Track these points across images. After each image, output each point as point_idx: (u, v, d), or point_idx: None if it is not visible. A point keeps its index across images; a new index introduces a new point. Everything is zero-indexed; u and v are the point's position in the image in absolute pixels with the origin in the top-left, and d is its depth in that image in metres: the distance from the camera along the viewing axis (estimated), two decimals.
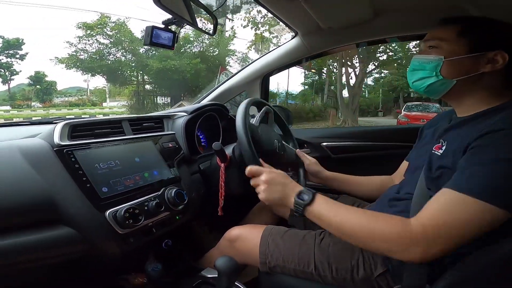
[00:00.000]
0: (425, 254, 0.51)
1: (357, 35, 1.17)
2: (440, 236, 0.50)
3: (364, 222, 0.57)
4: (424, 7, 0.99)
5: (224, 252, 0.85)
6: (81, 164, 0.65)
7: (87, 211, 0.60)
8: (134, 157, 0.78)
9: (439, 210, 0.51)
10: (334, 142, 1.28)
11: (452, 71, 0.63)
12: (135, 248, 0.66)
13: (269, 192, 0.67)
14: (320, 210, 0.61)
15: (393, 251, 0.54)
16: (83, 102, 21.45)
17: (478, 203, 0.48)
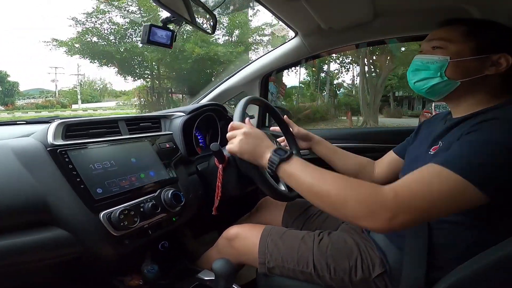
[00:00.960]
0: (392, 221, 0.49)
1: (358, 36, 1.17)
2: (410, 205, 0.49)
3: (339, 185, 0.54)
4: (425, 9, 0.99)
5: (222, 251, 0.84)
6: (75, 165, 0.64)
7: (80, 213, 0.60)
8: (130, 158, 0.77)
9: (416, 179, 0.51)
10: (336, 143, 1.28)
11: (457, 72, 0.63)
12: (130, 250, 0.65)
13: (243, 143, 0.66)
14: (295, 168, 0.59)
15: (360, 216, 0.51)
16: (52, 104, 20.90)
17: (456, 178, 0.48)
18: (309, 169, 0.59)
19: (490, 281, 0.49)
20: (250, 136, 0.67)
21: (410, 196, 0.49)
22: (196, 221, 0.86)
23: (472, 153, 0.50)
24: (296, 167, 0.60)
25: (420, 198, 0.49)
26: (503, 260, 0.48)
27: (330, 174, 0.57)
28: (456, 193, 0.48)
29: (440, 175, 0.49)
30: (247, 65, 1.36)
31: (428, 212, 0.49)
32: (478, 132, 0.52)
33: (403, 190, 0.50)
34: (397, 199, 0.49)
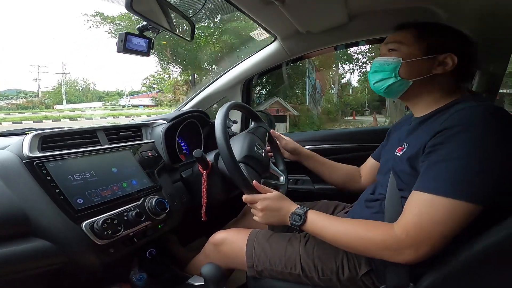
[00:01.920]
0: (418, 254, 0.56)
1: (335, 38, 1.24)
2: (423, 238, 0.55)
3: (354, 234, 0.63)
4: (395, 11, 1.07)
5: (209, 256, 0.86)
6: (53, 176, 0.65)
7: (61, 224, 0.60)
8: (111, 167, 0.78)
9: (414, 214, 0.57)
10: (316, 145, 1.34)
11: (409, 72, 0.70)
12: (117, 259, 0.66)
13: (266, 218, 0.75)
14: (313, 228, 0.68)
15: (388, 256, 0.59)
16: (34, 104, 20.15)
17: (446, 200, 0.53)
18: (326, 225, 0.67)
19: (473, 274, 0.53)
20: (268, 210, 0.74)
21: (419, 231, 0.55)
22: (183, 227, 0.87)
23: (452, 173, 0.54)
24: (314, 226, 0.69)
25: (428, 230, 0.55)
26: (482, 254, 0.51)
27: (345, 225, 0.66)
28: (456, 214, 0.53)
29: (435, 204, 0.55)
30: (228, 70, 1.40)
31: (442, 236, 0.55)
32: (446, 147, 0.56)
33: (411, 227, 0.56)
34: (410, 237, 0.56)
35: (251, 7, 0.98)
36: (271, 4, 0.91)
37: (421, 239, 0.55)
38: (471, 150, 0.54)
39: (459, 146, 0.55)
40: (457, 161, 0.54)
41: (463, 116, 0.58)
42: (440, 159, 0.56)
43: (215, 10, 4.20)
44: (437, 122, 0.61)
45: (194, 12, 1.19)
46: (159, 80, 38.12)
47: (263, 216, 0.75)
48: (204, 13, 3.27)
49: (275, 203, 0.74)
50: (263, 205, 0.74)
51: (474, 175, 0.53)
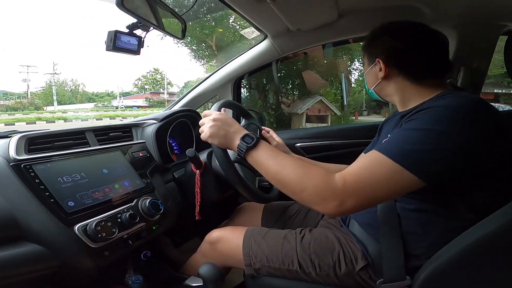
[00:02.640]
0: (340, 207, 0.56)
1: (325, 36, 1.27)
2: (355, 190, 0.56)
3: (298, 173, 0.61)
4: (383, 8, 1.11)
5: (206, 255, 0.87)
6: (41, 179, 0.65)
7: (53, 227, 0.60)
8: (102, 169, 0.78)
9: (360, 167, 0.58)
10: (308, 142, 1.36)
11: (369, 82, 0.81)
12: (111, 261, 0.66)
13: (214, 129, 0.70)
14: (261, 155, 0.65)
15: (314, 202, 0.59)
16: (24, 106, 19.77)
17: (391, 163, 0.55)
18: (274, 156, 0.65)
19: (466, 265, 0.55)
20: (219, 121, 0.71)
21: (356, 182, 0.56)
22: (177, 228, 0.88)
23: (404, 139, 0.57)
24: (262, 155, 0.65)
25: (364, 184, 0.56)
26: (476, 244, 0.53)
27: (292, 162, 0.64)
28: (394, 177, 0.55)
29: (379, 161, 0.56)
30: (219, 69, 1.41)
31: (372, 196, 0.56)
32: (413, 121, 0.60)
33: (350, 177, 0.57)
34: (345, 186, 0.56)
35: (242, 5, 1.00)
36: (262, 2, 0.93)
37: (354, 191, 0.56)
38: (432, 126, 0.56)
39: (424, 120, 0.58)
40: (415, 132, 0.57)
41: (437, 102, 0.61)
42: (403, 129, 0.60)
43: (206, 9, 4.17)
44: (416, 111, 0.63)
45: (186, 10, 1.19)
46: (151, 81, 37.57)
47: (211, 127, 0.70)
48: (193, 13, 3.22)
49: (228, 120, 0.72)
50: (216, 117, 0.71)
51: (425, 148, 0.55)
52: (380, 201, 0.57)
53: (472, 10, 1.01)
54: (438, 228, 0.63)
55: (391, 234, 0.67)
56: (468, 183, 0.59)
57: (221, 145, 0.72)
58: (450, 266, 0.55)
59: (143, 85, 40.13)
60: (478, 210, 0.58)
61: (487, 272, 0.54)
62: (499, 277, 0.53)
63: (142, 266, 0.85)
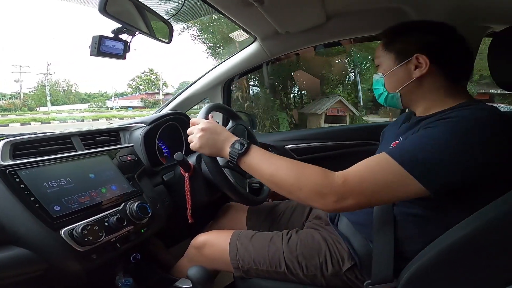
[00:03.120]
0: (339, 203, 0.57)
1: (313, 38, 1.30)
2: (356, 189, 0.56)
3: (294, 173, 0.62)
4: (370, 11, 1.15)
5: (193, 259, 0.88)
6: (27, 184, 0.65)
7: (39, 232, 0.61)
8: (88, 173, 0.78)
9: (364, 166, 0.59)
10: (298, 144, 1.39)
11: (392, 84, 0.72)
12: (100, 264, 0.67)
13: (202, 140, 0.71)
14: (253, 160, 0.66)
15: (313, 199, 0.59)
16: (16, 106, 19.62)
17: (400, 169, 0.55)
18: (267, 158, 0.66)
19: (448, 264, 0.56)
20: (208, 131, 0.71)
21: (359, 181, 0.57)
22: (167, 230, 0.89)
23: (418, 147, 0.56)
24: (254, 159, 0.66)
25: (367, 184, 0.56)
26: (457, 243, 0.55)
27: (286, 162, 0.64)
28: (399, 183, 0.55)
29: (387, 165, 0.56)
30: (208, 72, 1.43)
31: (373, 197, 0.57)
32: (431, 129, 0.58)
33: (352, 175, 0.58)
34: (346, 184, 0.57)
35: (231, 8, 1.02)
36: (250, 5, 0.95)
37: (353, 190, 0.56)
38: (448, 138, 0.55)
39: (439, 131, 0.57)
40: (430, 141, 0.56)
41: (458, 113, 0.59)
42: (418, 135, 0.59)
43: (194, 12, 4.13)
44: (436, 118, 0.62)
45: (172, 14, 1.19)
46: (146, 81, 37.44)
47: (200, 137, 0.71)
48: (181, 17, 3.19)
49: (218, 128, 0.72)
50: (205, 126, 0.71)
51: (439, 161, 0.54)
52: (381, 203, 0.57)
53: (456, 12, 1.05)
54: (433, 234, 0.62)
55: (385, 236, 0.68)
56: (474, 194, 0.59)
57: (212, 154, 0.73)
58: (432, 265, 0.57)
59: (138, 85, 40.02)
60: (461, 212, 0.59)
61: (468, 270, 0.55)
62: (479, 275, 0.55)
63: (132, 268, 0.86)
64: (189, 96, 1.41)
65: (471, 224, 0.54)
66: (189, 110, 1.44)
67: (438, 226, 0.62)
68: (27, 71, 38.80)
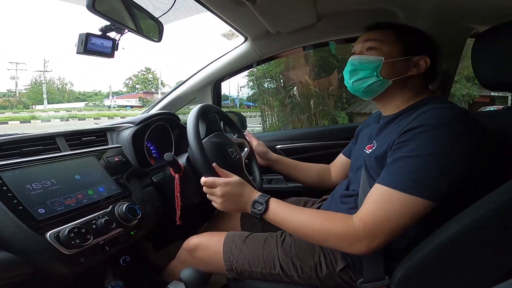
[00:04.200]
0: (370, 247, 0.61)
1: (304, 38, 1.33)
2: (378, 230, 0.60)
3: (314, 224, 0.66)
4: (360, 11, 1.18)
5: (185, 262, 0.88)
6: (9, 186, 0.64)
7: (23, 235, 0.60)
8: (74, 175, 0.77)
9: (372, 205, 0.62)
10: (288, 144, 1.41)
11: (389, 72, 0.73)
12: (88, 268, 0.67)
13: (225, 205, 0.74)
14: (275, 217, 0.70)
15: (342, 247, 0.64)
16: (12, 104, 19.15)
17: (403, 195, 0.59)
18: (287, 215, 0.69)
19: (439, 262, 0.58)
20: (229, 196, 0.74)
21: (376, 222, 0.60)
22: (157, 232, 0.88)
23: (410, 169, 0.59)
24: (275, 215, 0.70)
25: (385, 223, 0.60)
26: (448, 241, 0.57)
27: (307, 215, 0.68)
28: (411, 209, 0.59)
29: (393, 197, 0.59)
30: (198, 71, 1.43)
31: (395, 231, 0.60)
32: (411, 145, 0.61)
33: (368, 219, 0.61)
34: (366, 229, 0.61)
35: (222, 7, 1.03)
36: (242, 4, 0.96)
37: (376, 231, 0.60)
38: (433, 149, 0.59)
39: (422, 144, 0.60)
40: (418, 159, 0.59)
41: (430, 116, 0.63)
42: (402, 156, 0.61)
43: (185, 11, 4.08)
44: (405, 121, 0.66)
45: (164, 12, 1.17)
46: (142, 80, 37.15)
47: (222, 202, 0.74)
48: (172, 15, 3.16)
49: (237, 189, 0.74)
50: (224, 191, 0.73)
51: (433, 174, 0.58)
52: (403, 229, 0.60)
53: (441, 12, 1.09)
54: (413, 231, 0.66)
55: None
56: (466, 194, 0.62)
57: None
58: (424, 263, 0.59)
59: (134, 84, 39.51)
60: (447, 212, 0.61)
61: (460, 267, 0.58)
62: (471, 272, 0.57)
63: (122, 271, 0.85)
64: (178, 96, 1.41)
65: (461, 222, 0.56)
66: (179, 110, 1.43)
67: (419, 224, 0.64)
68: (24, 68, 37.75)
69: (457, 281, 0.58)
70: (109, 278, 0.79)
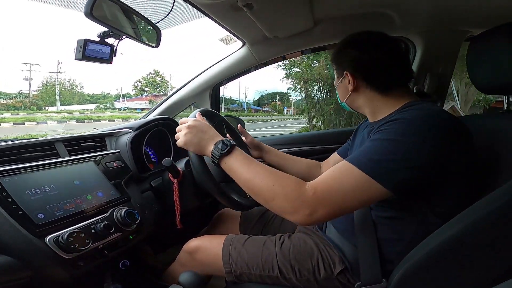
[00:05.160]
0: (311, 216, 0.60)
1: (301, 42, 1.35)
2: (326, 200, 0.59)
3: (270, 181, 0.64)
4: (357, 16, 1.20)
5: (185, 264, 0.89)
6: (9, 192, 0.65)
7: (23, 239, 0.61)
8: (73, 180, 0.79)
9: (330, 176, 0.62)
10: (288, 148, 1.43)
11: (340, 95, 0.83)
12: (87, 272, 0.67)
13: (189, 137, 0.73)
14: (234, 162, 0.68)
15: (285, 211, 0.62)
16: (25, 105, 19.30)
17: (360, 173, 0.59)
18: (247, 164, 0.68)
19: (435, 265, 0.59)
20: (195, 129, 0.74)
21: (327, 191, 0.60)
22: (156, 236, 0.89)
23: (372, 150, 0.61)
24: (235, 162, 0.68)
25: (335, 194, 0.59)
26: (444, 245, 0.58)
27: (264, 170, 0.67)
28: (362, 187, 0.58)
29: (349, 172, 0.60)
30: (196, 76, 1.45)
31: (342, 206, 0.60)
32: (381, 132, 0.63)
33: (321, 186, 0.61)
34: (316, 195, 0.60)
35: (220, 13, 1.05)
36: (239, 10, 0.98)
37: (322, 200, 0.59)
38: (399, 138, 0.60)
39: (391, 132, 0.62)
40: (382, 143, 0.61)
41: (406, 114, 0.65)
42: (372, 139, 0.64)
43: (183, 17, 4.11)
44: (383, 122, 0.67)
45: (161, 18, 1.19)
46: (151, 83, 37.60)
47: (186, 134, 0.74)
48: None
49: (204, 127, 0.74)
50: (191, 123, 0.74)
51: (392, 159, 0.59)
52: (350, 210, 0.60)
53: (437, 16, 1.11)
54: (409, 234, 0.67)
55: (367, 240, 0.71)
56: (432, 191, 0.63)
57: (196, 151, 0.75)
58: (420, 267, 0.60)
59: (143, 87, 39.67)
60: (442, 215, 0.63)
61: (455, 271, 0.58)
62: (468, 274, 0.57)
63: (121, 275, 0.86)
64: (176, 101, 1.43)
65: (458, 225, 0.57)
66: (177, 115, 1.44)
67: (409, 226, 0.66)
68: (37, 69, 37.88)
69: (454, 284, 0.59)
70: (107, 282, 0.80)
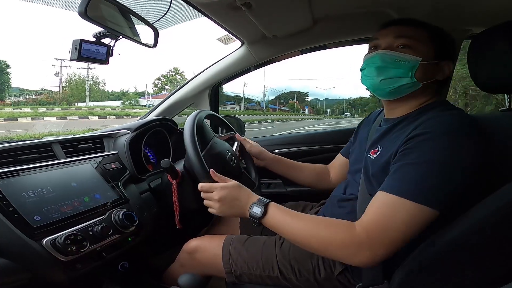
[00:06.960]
0: (373, 257, 0.59)
1: (301, 42, 1.35)
2: (383, 239, 0.58)
3: (317, 232, 0.63)
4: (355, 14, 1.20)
5: (184, 265, 0.88)
6: (5, 194, 0.65)
7: (19, 242, 0.61)
8: (70, 182, 0.78)
9: (377, 213, 0.60)
10: (286, 148, 1.42)
11: (422, 74, 0.68)
12: (85, 274, 0.67)
13: (223, 209, 0.73)
14: (273, 222, 0.68)
15: (344, 257, 0.62)
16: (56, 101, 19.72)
17: (408, 203, 0.57)
18: (287, 219, 0.67)
19: (438, 267, 0.58)
20: (226, 200, 0.72)
21: (381, 231, 0.58)
22: (155, 238, 0.89)
23: (418, 177, 0.58)
24: (274, 220, 0.68)
25: (390, 231, 0.58)
26: (446, 246, 0.57)
27: (305, 220, 0.66)
28: (417, 218, 0.57)
29: (398, 205, 0.58)
30: (195, 76, 1.44)
31: (400, 240, 0.58)
32: (416, 152, 0.60)
33: (373, 227, 0.59)
34: (371, 237, 0.58)
35: (218, 13, 1.04)
36: (238, 9, 0.97)
37: (379, 240, 0.58)
38: (438, 157, 0.58)
39: (428, 151, 0.59)
40: (424, 166, 0.58)
41: (435, 123, 0.61)
42: (408, 163, 0.60)
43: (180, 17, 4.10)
44: (410, 127, 0.64)
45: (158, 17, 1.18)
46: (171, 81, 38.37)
47: (220, 207, 0.72)
48: None
49: (234, 193, 0.72)
50: (221, 195, 0.72)
51: (438, 181, 0.57)
52: (408, 239, 0.58)
53: (436, 14, 1.11)
54: (425, 238, 0.64)
55: None
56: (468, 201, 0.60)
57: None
58: (423, 268, 0.59)
59: (163, 85, 39.80)
60: (445, 216, 0.61)
61: (459, 272, 0.57)
62: (470, 276, 0.56)
63: (120, 277, 0.86)
64: (175, 101, 1.42)
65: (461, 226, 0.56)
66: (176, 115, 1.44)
67: (426, 231, 0.63)
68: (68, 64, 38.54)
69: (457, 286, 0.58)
70: (106, 284, 0.80)
